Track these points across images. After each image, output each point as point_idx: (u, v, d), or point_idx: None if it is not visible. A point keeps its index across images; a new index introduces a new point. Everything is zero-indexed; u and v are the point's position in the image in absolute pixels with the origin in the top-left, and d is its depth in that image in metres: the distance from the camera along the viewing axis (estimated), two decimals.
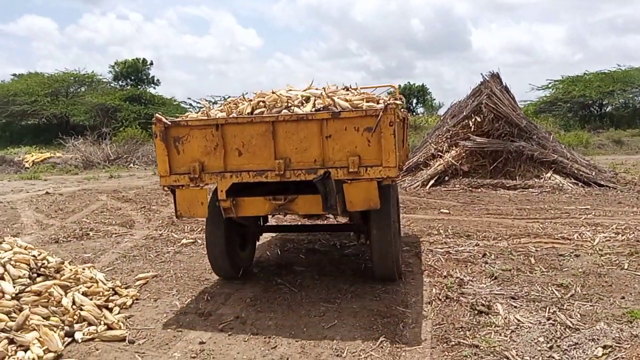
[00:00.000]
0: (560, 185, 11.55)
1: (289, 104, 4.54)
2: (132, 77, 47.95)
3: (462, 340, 3.94)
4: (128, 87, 44.78)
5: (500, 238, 7.23)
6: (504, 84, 13.64)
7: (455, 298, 4.83)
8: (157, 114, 4.60)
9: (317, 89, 5.04)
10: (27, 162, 21.33)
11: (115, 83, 46.04)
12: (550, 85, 33.30)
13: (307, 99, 4.61)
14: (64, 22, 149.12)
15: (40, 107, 35.48)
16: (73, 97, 38.34)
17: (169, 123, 4.49)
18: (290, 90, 4.93)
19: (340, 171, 4.26)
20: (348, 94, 4.89)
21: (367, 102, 4.60)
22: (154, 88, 48.16)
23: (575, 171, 12.06)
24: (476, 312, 4.48)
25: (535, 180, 11.89)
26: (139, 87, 45.86)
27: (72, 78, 39.35)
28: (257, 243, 6.43)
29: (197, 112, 5.06)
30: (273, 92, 4.76)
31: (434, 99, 56.20)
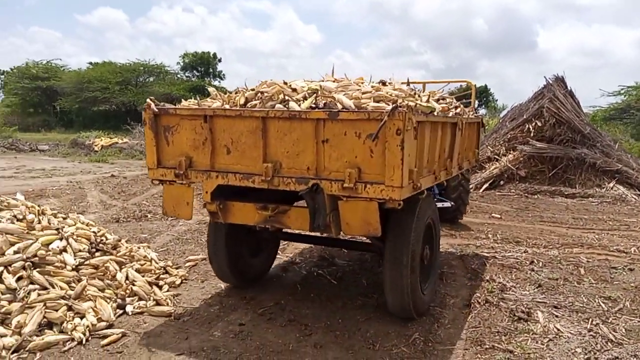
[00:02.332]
0: (623, 196, 11.01)
1: (287, 98, 3.82)
2: (199, 69, 49.55)
3: (496, 345, 3.93)
4: (194, 79, 46.34)
5: (551, 246, 7.04)
6: (569, 88, 13.12)
7: (495, 303, 4.78)
8: (148, 99, 4.15)
9: (335, 80, 4.37)
10: (96, 146, 22.54)
11: (182, 74, 47.73)
12: (622, 92, 31.46)
13: (314, 93, 3.85)
14: (135, 14, 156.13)
15: (111, 94, 37.37)
16: (142, 86, 40.10)
17: (157, 110, 4.03)
18: (322, 81, 4.26)
19: (335, 185, 3.52)
20: (374, 91, 3.92)
21: (389, 101, 3.61)
22: (219, 82, 49.56)
23: None
24: (515, 318, 4.43)
25: (597, 189, 11.40)
26: (205, 79, 47.33)
27: (142, 68, 41.19)
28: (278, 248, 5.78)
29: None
30: (285, 83, 4.11)
31: (497, 100, 54.57)
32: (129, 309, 4.36)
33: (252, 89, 4.16)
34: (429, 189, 7.45)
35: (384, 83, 4.40)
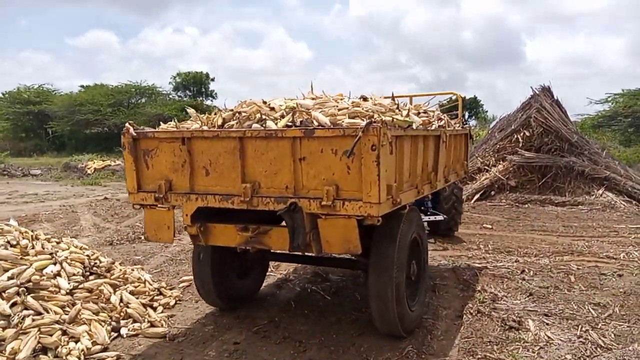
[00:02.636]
0: (612, 202, 11.15)
1: (265, 118, 3.83)
2: (192, 89, 49.76)
3: (488, 354, 3.98)
4: (186, 99, 46.53)
5: (542, 255, 7.12)
6: (555, 98, 13.34)
7: (486, 313, 4.84)
8: (127, 123, 4.12)
9: (314, 97, 4.35)
10: (89, 169, 22.56)
11: (175, 94, 47.92)
12: (609, 99, 31.93)
13: (292, 111, 3.84)
14: (126, 36, 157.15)
15: (103, 116, 37.43)
16: (134, 107, 40.19)
17: (135, 134, 4.01)
18: (302, 99, 4.24)
19: (313, 203, 3.46)
20: (351, 107, 3.92)
21: (365, 117, 3.58)
22: (211, 101, 49.80)
23: (629, 189, 11.62)
24: (506, 327, 4.49)
25: (586, 197, 11.54)
26: (197, 98, 47.51)
27: (133, 89, 41.32)
28: (268, 269, 5.75)
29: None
30: (264, 102, 4.14)
31: (487, 111, 55.01)
32: (123, 331, 4.38)
33: (231, 110, 4.18)
34: (420, 203, 7.56)
35: (364, 98, 4.40)
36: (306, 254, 3.95)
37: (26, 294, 4.28)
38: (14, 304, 4.17)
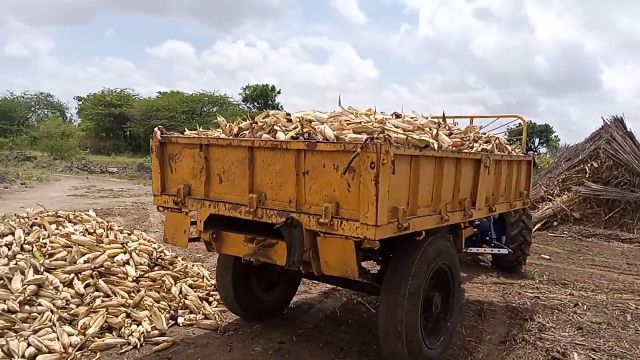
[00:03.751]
0: None
1: (276, 129, 3.75)
2: (260, 101, 51.47)
3: None
4: (254, 110, 48.17)
5: (599, 291, 6.90)
6: (629, 130, 12.78)
7: (531, 342, 4.81)
8: (157, 128, 4.23)
9: (348, 111, 4.10)
10: None
11: (245, 105, 49.73)
12: None
13: (309, 123, 3.70)
14: (201, 48, 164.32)
15: (177, 122, 39.37)
16: (206, 116, 42.05)
17: (161, 139, 4.10)
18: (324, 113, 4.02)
19: (313, 220, 3.29)
20: (363, 122, 3.70)
21: (371, 133, 3.29)
22: None
23: None
24: (550, 358, 4.46)
25: None
26: (264, 110, 48.99)
27: (206, 99, 43.33)
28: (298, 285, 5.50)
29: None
30: (288, 114, 4.05)
31: (559, 140, 52.89)
32: (180, 320, 4.74)
33: (254, 121, 4.09)
34: (484, 232, 7.14)
35: (397, 115, 4.27)
36: (307, 272, 3.63)
37: (99, 277, 4.74)
38: (87, 285, 4.64)
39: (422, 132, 3.84)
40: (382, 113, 4.31)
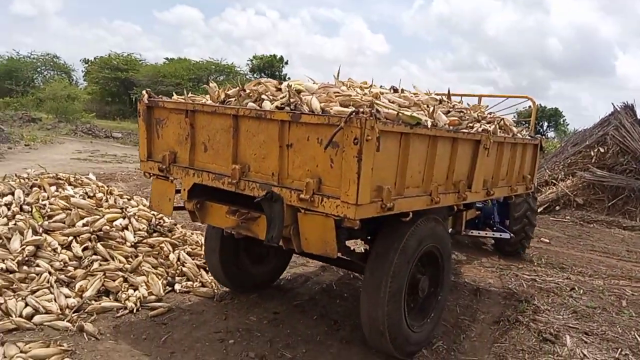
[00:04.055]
0: None
1: (262, 98, 3.56)
2: (267, 72, 50.99)
3: None
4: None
5: (596, 276, 6.92)
6: (639, 117, 12.62)
7: (525, 322, 4.84)
8: (145, 90, 4.09)
9: (343, 83, 3.95)
10: None
11: (251, 75, 49.28)
12: None
13: (298, 94, 3.48)
14: (209, 14, 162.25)
15: (184, 90, 39.18)
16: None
17: (148, 102, 3.96)
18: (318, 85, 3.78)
19: (294, 194, 3.16)
20: (354, 93, 3.52)
21: (359, 106, 3.05)
22: None
23: None
24: (542, 339, 4.49)
25: None
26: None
27: (213, 67, 42.89)
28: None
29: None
30: (278, 83, 3.89)
31: (568, 124, 52.33)
32: (177, 287, 4.77)
33: (242, 88, 3.87)
34: (486, 215, 7.09)
35: (395, 90, 4.09)
36: (288, 248, 3.48)
37: (97, 241, 4.76)
38: (85, 248, 4.67)
39: (419, 108, 3.64)
40: (381, 87, 4.14)
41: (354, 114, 2.83)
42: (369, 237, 4.20)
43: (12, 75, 42.95)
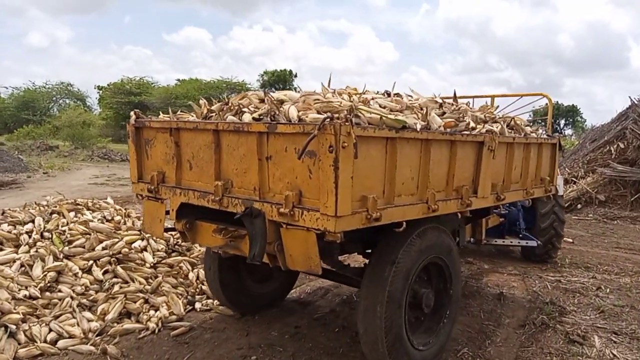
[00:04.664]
0: None
1: (243, 110, 3.44)
2: (277, 86, 51.36)
3: None
4: None
5: (623, 274, 6.76)
6: None
7: (551, 325, 4.74)
8: (132, 112, 4.00)
9: (335, 91, 3.76)
10: None
11: (262, 91, 49.71)
12: None
13: (280, 104, 3.34)
14: (217, 33, 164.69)
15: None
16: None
17: (135, 123, 3.88)
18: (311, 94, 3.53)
19: (274, 209, 2.99)
20: (334, 99, 3.30)
21: (337, 112, 2.93)
22: None
23: None
24: (569, 340, 4.39)
25: None
26: None
27: (224, 85, 43.37)
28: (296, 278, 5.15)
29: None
30: (265, 94, 3.69)
31: (585, 121, 51.62)
32: (197, 305, 4.78)
33: (225, 102, 3.80)
34: (511, 222, 6.72)
35: (388, 94, 3.97)
36: (275, 265, 3.24)
37: (116, 263, 4.80)
38: (105, 272, 4.70)
39: (412, 111, 3.45)
40: (377, 92, 4.03)
41: (327, 120, 2.67)
42: (369, 251, 4.02)
43: (29, 105, 43.93)
